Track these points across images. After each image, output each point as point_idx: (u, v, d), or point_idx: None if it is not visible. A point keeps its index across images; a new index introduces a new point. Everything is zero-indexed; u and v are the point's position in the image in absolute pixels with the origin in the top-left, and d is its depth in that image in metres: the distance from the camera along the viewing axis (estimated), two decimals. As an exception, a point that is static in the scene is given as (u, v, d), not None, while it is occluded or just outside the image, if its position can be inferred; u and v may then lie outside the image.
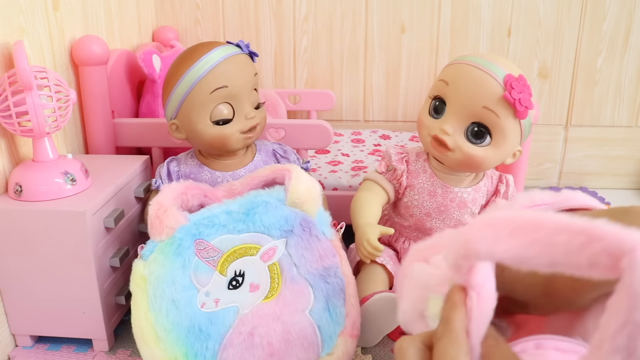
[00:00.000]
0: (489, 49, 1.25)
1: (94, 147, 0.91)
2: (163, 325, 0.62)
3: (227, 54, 0.74)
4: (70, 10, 0.88)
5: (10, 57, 0.72)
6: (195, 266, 0.65)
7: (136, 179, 0.82)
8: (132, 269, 0.65)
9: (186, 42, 1.28)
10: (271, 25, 1.27)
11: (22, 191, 0.69)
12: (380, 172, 0.81)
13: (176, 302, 0.63)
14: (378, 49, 1.27)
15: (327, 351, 0.64)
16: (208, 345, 0.63)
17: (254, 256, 0.67)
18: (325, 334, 0.65)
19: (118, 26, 1.05)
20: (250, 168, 0.80)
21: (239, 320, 0.65)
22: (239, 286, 0.66)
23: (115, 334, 0.78)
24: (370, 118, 1.33)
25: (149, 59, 0.95)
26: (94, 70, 0.87)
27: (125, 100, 0.99)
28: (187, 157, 0.81)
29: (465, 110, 0.71)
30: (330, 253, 0.68)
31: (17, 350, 0.76)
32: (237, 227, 0.67)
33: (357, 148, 1.18)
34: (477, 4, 1.22)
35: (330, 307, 0.66)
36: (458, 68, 0.73)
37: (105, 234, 0.73)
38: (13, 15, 0.73)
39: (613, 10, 1.19)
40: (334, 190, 0.98)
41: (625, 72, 1.23)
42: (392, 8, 1.24)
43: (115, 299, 0.76)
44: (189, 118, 0.75)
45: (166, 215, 0.65)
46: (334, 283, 0.67)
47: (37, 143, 0.71)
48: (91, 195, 0.71)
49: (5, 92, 0.67)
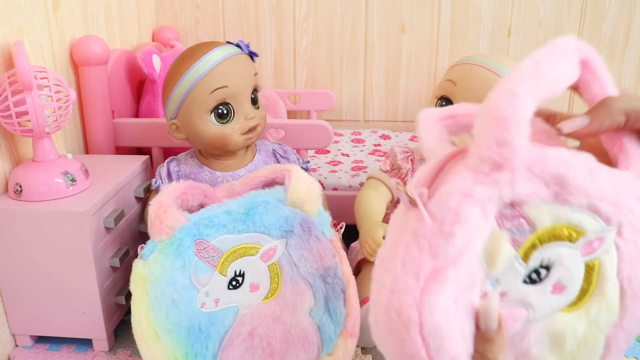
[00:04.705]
0: (489, 49, 1.25)
1: (94, 147, 0.91)
2: (163, 326, 0.62)
3: (227, 54, 0.74)
4: (70, 10, 0.88)
5: (10, 57, 0.72)
6: (195, 266, 0.65)
7: (136, 179, 0.82)
8: (132, 269, 0.65)
9: (186, 42, 1.28)
10: (271, 25, 1.27)
11: (22, 191, 0.69)
12: (385, 170, 0.81)
13: (176, 302, 0.63)
14: (378, 49, 1.27)
15: (327, 351, 0.64)
16: (208, 345, 0.63)
17: (254, 256, 0.67)
18: (325, 334, 0.65)
19: (118, 26, 1.05)
20: (250, 168, 0.80)
21: (239, 320, 0.65)
22: (239, 286, 0.66)
23: (115, 334, 0.78)
24: (370, 118, 1.33)
25: (149, 59, 0.95)
26: (94, 70, 0.87)
27: (125, 100, 0.99)
28: (187, 157, 0.81)
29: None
30: (330, 253, 0.68)
31: (17, 350, 0.76)
32: (237, 227, 0.67)
33: (357, 148, 1.18)
34: (477, 4, 1.22)
35: (330, 308, 0.66)
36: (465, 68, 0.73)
37: (105, 234, 0.73)
38: (13, 15, 0.73)
39: (613, 11, 1.19)
40: (334, 190, 0.98)
41: (625, 72, 1.23)
42: (392, 8, 1.24)
43: (115, 299, 0.76)
44: (189, 118, 0.75)
45: (166, 215, 0.65)
46: (334, 283, 0.67)
47: (37, 143, 0.71)
48: (91, 195, 0.71)
49: (5, 92, 0.67)
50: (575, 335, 0.36)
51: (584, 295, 0.36)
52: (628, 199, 0.35)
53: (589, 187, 0.34)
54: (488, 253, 0.34)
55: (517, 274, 0.34)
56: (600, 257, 0.36)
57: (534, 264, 0.35)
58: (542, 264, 0.35)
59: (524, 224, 0.34)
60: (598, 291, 0.36)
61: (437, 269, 0.32)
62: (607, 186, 0.35)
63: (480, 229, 0.33)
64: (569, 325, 0.36)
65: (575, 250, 0.35)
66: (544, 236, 0.35)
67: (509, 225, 0.34)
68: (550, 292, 0.35)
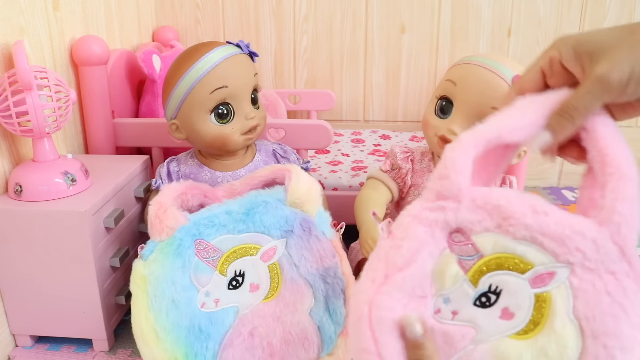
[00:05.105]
0: (489, 49, 1.25)
1: (94, 147, 0.91)
2: (163, 325, 0.62)
3: (227, 54, 0.74)
4: (70, 10, 0.88)
5: (10, 57, 0.72)
6: (195, 266, 0.65)
7: (136, 179, 0.82)
8: (132, 269, 0.65)
9: (186, 42, 1.28)
10: (271, 25, 1.27)
11: (22, 191, 0.69)
12: (385, 170, 0.81)
13: (176, 302, 0.63)
14: (378, 49, 1.27)
15: (327, 351, 0.64)
16: (208, 345, 0.63)
17: (254, 256, 0.67)
18: (325, 334, 0.65)
19: (118, 26, 1.05)
20: (250, 168, 0.80)
21: (239, 320, 0.65)
22: (239, 286, 0.66)
23: (115, 334, 0.78)
24: (370, 118, 1.33)
25: (149, 59, 0.95)
26: (94, 70, 0.87)
27: (125, 100, 0.99)
28: (187, 157, 0.81)
29: (473, 110, 0.71)
30: (330, 253, 0.68)
31: (17, 350, 0.76)
32: (237, 227, 0.67)
33: (357, 148, 1.18)
34: (477, 4, 1.22)
35: (330, 308, 0.66)
36: (466, 68, 0.73)
37: (105, 234, 0.73)
38: (13, 15, 0.73)
39: (613, 10, 1.19)
40: (334, 190, 0.98)
41: (625, 72, 1.23)
42: (392, 8, 1.24)
43: (115, 299, 0.76)
44: (189, 118, 0.75)
45: (166, 215, 0.65)
46: (334, 283, 0.67)
47: (37, 143, 0.71)
48: (91, 195, 0.71)
49: (5, 92, 0.67)
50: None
51: (536, 326, 0.39)
52: (579, 240, 0.38)
53: (528, 221, 0.38)
54: (437, 271, 0.39)
55: (467, 295, 0.39)
56: (552, 292, 0.38)
57: (482, 288, 0.39)
58: (490, 289, 0.39)
59: (471, 250, 0.39)
60: (549, 324, 0.38)
61: (388, 275, 0.38)
62: (551, 224, 0.38)
63: (427, 245, 0.38)
64: (515, 351, 0.39)
65: (523, 280, 0.39)
66: (490, 263, 0.39)
67: (457, 250, 0.39)
68: (498, 317, 0.39)
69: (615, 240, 0.38)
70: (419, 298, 0.39)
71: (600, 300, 0.37)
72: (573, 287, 0.38)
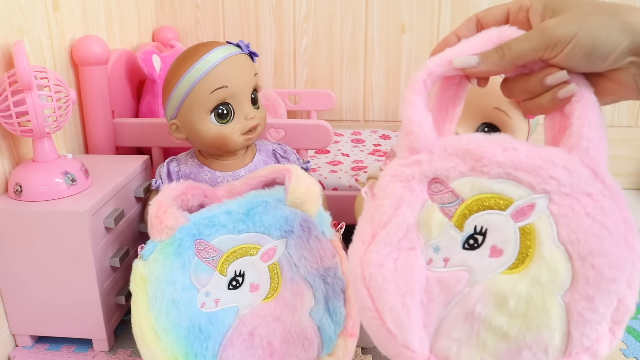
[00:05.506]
0: (489, 49, 1.25)
1: (94, 147, 0.91)
2: (163, 326, 0.62)
3: (227, 54, 0.74)
4: (70, 10, 0.88)
5: (10, 57, 0.72)
6: (195, 266, 0.65)
7: (136, 179, 0.82)
8: (132, 269, 0.65)
9: (186, 42, 1.28)
10: (271, 25, 1.27)
11: (22, 191, 0.69)
12: None
13: (176, 302, 0.63)
14: (378, 49, 1.27)
15: (328, 351, 0.64)
16: (208, 345, 0.63)
17: (254, 256, 0.67)
18: (325, 334, 0.65)
19: (118, 26, 1.05)
20: (250, 168, 0.80)
21: (239, 320, 0.65)
22: (239, 286, 0.66)
23: (115, 334, 0.78)
24: (370, 118, 1.33)
25: (149, 59, 0.95)
26: (94, 70, 0.87)
27: (125, 100, 0.99)
28: (187, 157, 0.81)
29: (475, 111, 0.71)
30: (330, 253, 0.68)
31: (17, 350, 0.76)
32: (237, 227, 0.67)
33: (357, 148, 1.18)
34: (477, 4, 1.22)
35: (330, 308, 0.66)
36: None
37: (105, 234, 0.73)
38: (13, 15, 0.73)
39: (613, 10, 1.19)
40: (334, 190, 0.98)
41: (625, 72, 1.23)
42: (392, 8, 1.24)
43: (115, 299, 0.76)
44: (189, 118, 0.75)
45: (166, 215, 0.65)
46: (334, 283, 0.67)
47: (37, 143, 0.71)
48: (91, 195, 0.71)
49: (5, 92, 0.67)
50: (517, 294, 0.39)
51: (525, 258, 0.40)
52: (551, 168, 0.40)
53: (500, 158, 0.40)
54: (422, 222, 0.41)
55: (455, 240, 0.41)
56: (535, 222, 0.40)
57: (468, 230, 0.41)
58: (476, 230, 0.41)
59: (451, 197, 0.41)
60: (537, 253, 0.40)
61: (374, 234, 0.41)
62: (523, 158, 0.40)
63: (406, 199, 0.41)
64: (509, 284, 0.40)
65: (505, 216, 0.40)
66: (472, 206, 0.41)
67: (438, 199, 0.41)
68: (488, 256, 0.41)
69: (586, 163, 0.40)
70: (408, 250, 0.41)
71: (581, 222, 0.39)
72: (554, 214, 0.40)
